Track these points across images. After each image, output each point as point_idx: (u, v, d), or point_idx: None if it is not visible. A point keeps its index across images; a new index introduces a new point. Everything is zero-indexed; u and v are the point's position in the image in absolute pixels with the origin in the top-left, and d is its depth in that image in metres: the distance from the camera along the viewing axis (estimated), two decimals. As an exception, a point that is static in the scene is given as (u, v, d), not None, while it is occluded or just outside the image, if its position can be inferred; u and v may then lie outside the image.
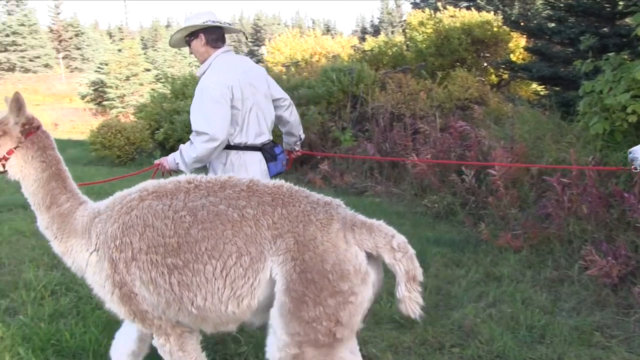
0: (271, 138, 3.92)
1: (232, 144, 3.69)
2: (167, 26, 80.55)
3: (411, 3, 25.80)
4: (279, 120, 4.17)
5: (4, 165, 2.67)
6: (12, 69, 55.25)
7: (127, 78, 32.49)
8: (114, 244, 2.50)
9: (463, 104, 10.89)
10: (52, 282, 4.56)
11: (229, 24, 3.86)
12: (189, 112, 3.82)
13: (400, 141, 9.24)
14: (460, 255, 5.53)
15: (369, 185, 8.95)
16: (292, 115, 4.20)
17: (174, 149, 12.10)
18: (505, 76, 13.45)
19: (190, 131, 3.68)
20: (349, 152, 9.94)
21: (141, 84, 32.77)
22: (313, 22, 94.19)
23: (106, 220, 2.58)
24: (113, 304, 2.60)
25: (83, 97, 36.12)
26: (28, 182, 2.69)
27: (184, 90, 13.81)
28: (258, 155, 3.80)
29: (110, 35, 73.36)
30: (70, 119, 31.63)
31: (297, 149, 4.38)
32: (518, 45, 13.84)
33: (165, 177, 3.35)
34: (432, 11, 16.09)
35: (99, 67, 36.31)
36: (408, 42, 16.44)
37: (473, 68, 13.21)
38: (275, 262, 2.34)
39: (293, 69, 15.87)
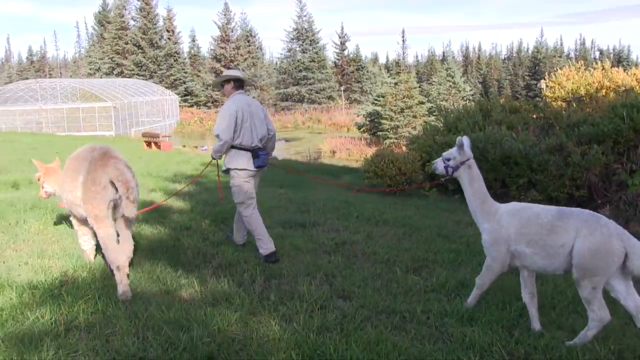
0: (259, 145, 6.32)
1: (234, 144, 6.20)
2: (443, 60, 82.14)
3: None
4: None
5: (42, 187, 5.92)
6: (301, 100, 61.73)
7: (402, 110, 33.79)
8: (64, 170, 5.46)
9: None
10: (322, 297, 4.91)
11: (246, 78, 6.62)
12: None
13: (703, 189, 8.01)
14: None
15: (659, 238, 7.88)
16: (269, 142, 6.59)
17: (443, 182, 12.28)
18: None
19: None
20: (637, 198, 8.91)
21: (414, 116, 33.79)
22: (601, 53, 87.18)
23: None
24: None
25: (360, 127, 38.54)
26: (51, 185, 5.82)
27: (457, 123, 13.84)
28: (248, 153, 6.24)
29: (388, 69, 77.31)
30: (346, 147, 33.89)
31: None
32: None
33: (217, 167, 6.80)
34: None
35: (375, 100, 38.42)
36: None
37: None
38: (81, 176, 4.98)
39: (575, 105, 14.88)
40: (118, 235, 5.16)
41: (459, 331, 4.29)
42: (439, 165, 4.76)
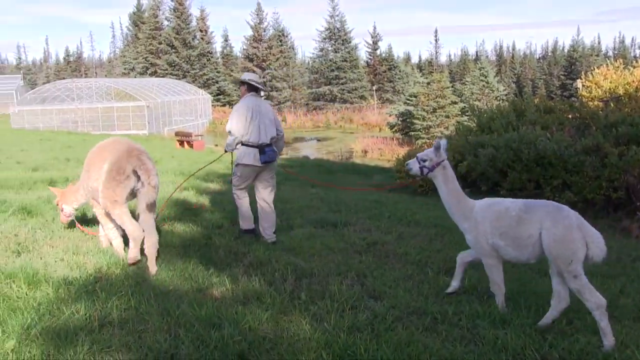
0: (267, 142, 6.88)
1: (242, 140, 6.83)
2: (476, 59, 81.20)
3: None
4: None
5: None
6: (333, 99, 61.68)
7: (434, 110, 33.52)
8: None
9: None
10: (353, 297, 4.90)
11: (262, 86, 7.25)
12: (494, 147, 4.81)
13: None
14: None
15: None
16: (279, 142, 7.21)
17: (476, 182, 12.17)
18: None
19: (492, 165, 4.54)
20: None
21: (447, 116, 33.49)
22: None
23: None
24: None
25: (392, 127, 38.35)
26: (69, 202, 6.42)
27: (490, 124, 13.66)
28: (255, 150, 6.81)
29: (421, 68, 76.66)
30: (378, 147, 33.76)
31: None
32: None
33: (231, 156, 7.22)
34: None
35: (408, 99, 38.18)
36: None
37: None
38: (106, 165, 5.54)
39: (612, 105, 14.55)
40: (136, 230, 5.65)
41: (491, 334, 4.23)
42: (413, 165, 4.99)
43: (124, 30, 79.34)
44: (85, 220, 7.27)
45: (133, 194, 5.66)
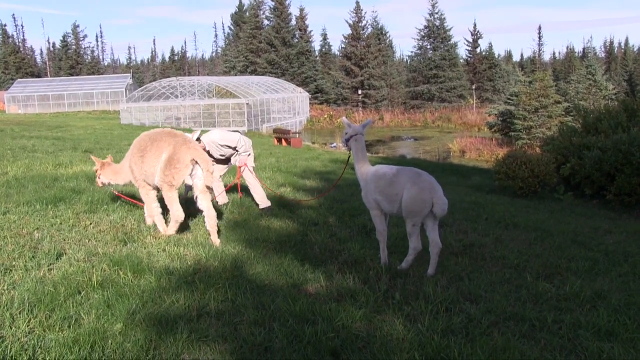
0: None
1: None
2: (583, 57, 77.25)
3: None
4: None
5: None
6: (431, 98, 60.84)
7: (536, 110, 32.25)
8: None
9: None
10: (447, 299, 4.81)
11: None
12: (601, 149, 4.57)
13: None
14: None
15: None
16: None
17: (579, 185, 11.62)
18: None
19: (598, 168, 4.27)
20: None
21: (550, 117, 32.13)
22: None
23: None
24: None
25: (491, 127, 37.30)
26: (107, 177, 7.31)
27: (597, 124, 12.98)
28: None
29: (522, 66, 74.05)
30: (476, 147, 32.95)
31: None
32: None
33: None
34: None
35: (508, 99, 37.00)
36: None
37: None
38: (164, 154, 6.35)
39: None
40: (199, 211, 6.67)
41: (595, 346, 4.02)
42: (343, 138, 6.14)
43: (226, 30, 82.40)
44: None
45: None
